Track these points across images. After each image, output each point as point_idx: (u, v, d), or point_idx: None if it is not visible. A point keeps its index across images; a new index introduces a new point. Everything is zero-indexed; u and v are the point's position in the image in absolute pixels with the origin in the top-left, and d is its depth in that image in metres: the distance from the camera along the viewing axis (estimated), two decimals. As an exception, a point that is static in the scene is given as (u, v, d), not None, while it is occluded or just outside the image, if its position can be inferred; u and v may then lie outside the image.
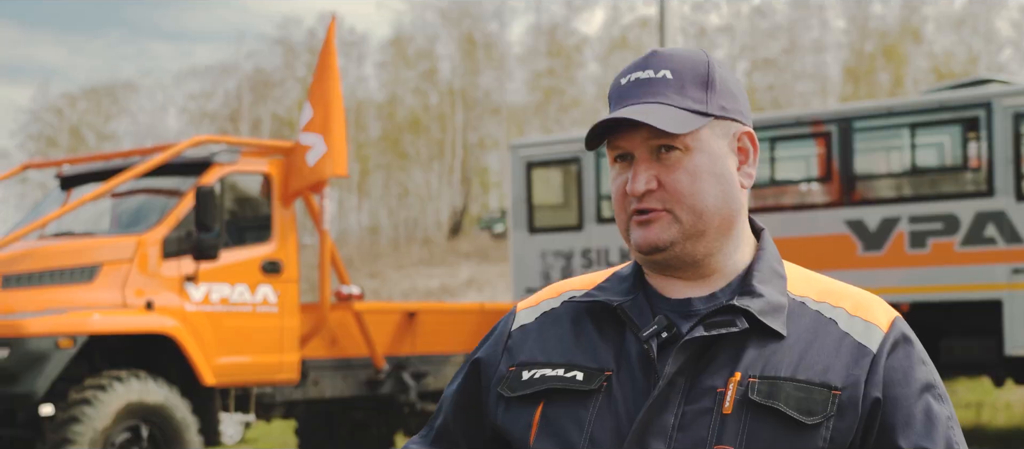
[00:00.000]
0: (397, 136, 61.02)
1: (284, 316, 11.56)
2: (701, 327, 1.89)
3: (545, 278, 15.53)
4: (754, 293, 1.92)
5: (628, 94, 1.96)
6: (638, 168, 1.93)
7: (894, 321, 1.93)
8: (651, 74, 1.96)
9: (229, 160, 11.39)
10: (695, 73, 1.96)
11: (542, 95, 59.80)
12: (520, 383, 2.00)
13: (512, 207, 16.13)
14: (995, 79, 14.04)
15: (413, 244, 49.92)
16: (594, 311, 2.01)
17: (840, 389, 1.85)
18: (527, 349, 2.04)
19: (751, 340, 1.89)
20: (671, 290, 1.98)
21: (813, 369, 1.87)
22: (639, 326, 1.93)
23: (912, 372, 1.89)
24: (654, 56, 1.99)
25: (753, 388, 1.85)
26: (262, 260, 11.45)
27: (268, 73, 64.51)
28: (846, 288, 1.99)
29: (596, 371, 1.95)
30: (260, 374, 11.47)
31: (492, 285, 35.77)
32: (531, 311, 2.10)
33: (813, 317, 1.93)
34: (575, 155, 15.60)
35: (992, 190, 12.99)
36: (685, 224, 1.92)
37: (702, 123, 1.92)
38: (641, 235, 1.93)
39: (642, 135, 1.92)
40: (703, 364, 1.89)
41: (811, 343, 1.89)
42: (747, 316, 1.89)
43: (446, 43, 61.78)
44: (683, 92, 1.94)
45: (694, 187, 1.91)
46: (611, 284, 2.04)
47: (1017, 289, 12.73)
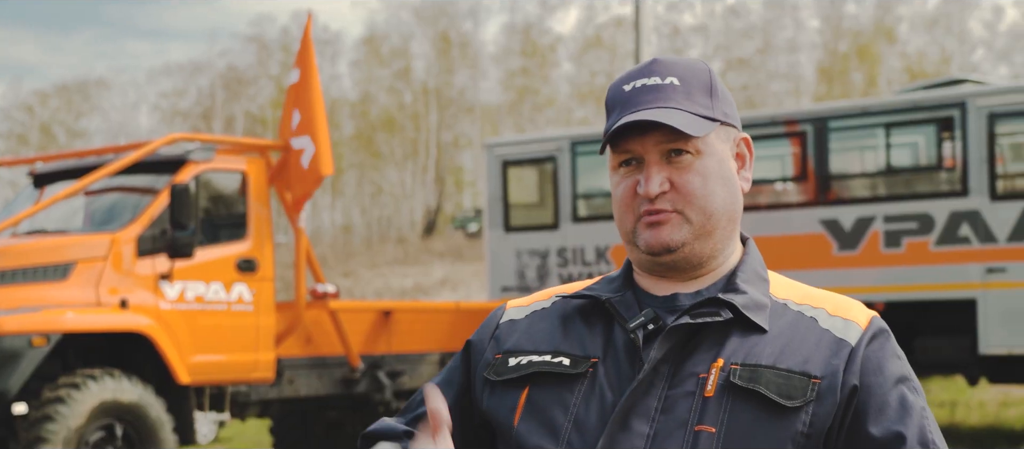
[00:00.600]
0: (371, 135, 60.91)
1: (259, 314, 11.52)
2: (686, 316, 1.95)
3: (520, 277, 15.52)
4: (738, 290, 1.99)
5: (636, 100, 2.02)
6: (651, 171, 1.99)
7: (872, 318, 2.00)
8: (658, 81, 2.02)
9: (204, 158, 11.34)
10: (700, 80, 2.04)
11: (516, 94, 59.81)
12: (506, 368, 2.06)
13: (487, 206, 16.11)
14: (969, 79, 14.10)
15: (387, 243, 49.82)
16: (583, 307, 2.08)
17: (819, 378, 1.91)
18: (514, 339, 2.10)
19: (734, 331, 1.96)
20: (659, 288, 2.05)
21: (793, 359, 1.93)
22: (626, 318, 2.00)
23: (888, 363, 1.95)
24: (657, 64, 2.05)
25: (735, 373, 1.91)
26: (237, 258, 11.40)
27: (241, 71, 64.32)
28: (826, 293, 2.06)
29: (582, 358, 2.01)
30: (235, 373, 11.42)
31: (466, 284, 35.75)
32: (521, 309, 2.17)
33: (794, 316, 2.00)
34: (551, 154, 15.59)
35: (966, 190, 13.04)
36: (696, 225, 1.99)
37: (712, 128, 2.00)
38: (652, 235, 1.99)
39: (655, 139, 1.99)
40: (687, 352, 1.95)
41: (792, 338, 1.96)
42: (731, 308, 1.96)
43: (420, 42, 61.74)
44: (691, 98, 2.01)
45: (705, 189, 1.98)
46: (600, 285, 2.11)
47: (991, 288, 12.79)
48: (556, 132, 17.83)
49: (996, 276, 12.81)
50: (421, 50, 61.84)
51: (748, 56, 57.78)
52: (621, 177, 2.03)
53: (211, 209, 11.62)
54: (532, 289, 15.38)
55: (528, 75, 59.76)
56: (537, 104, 59.41)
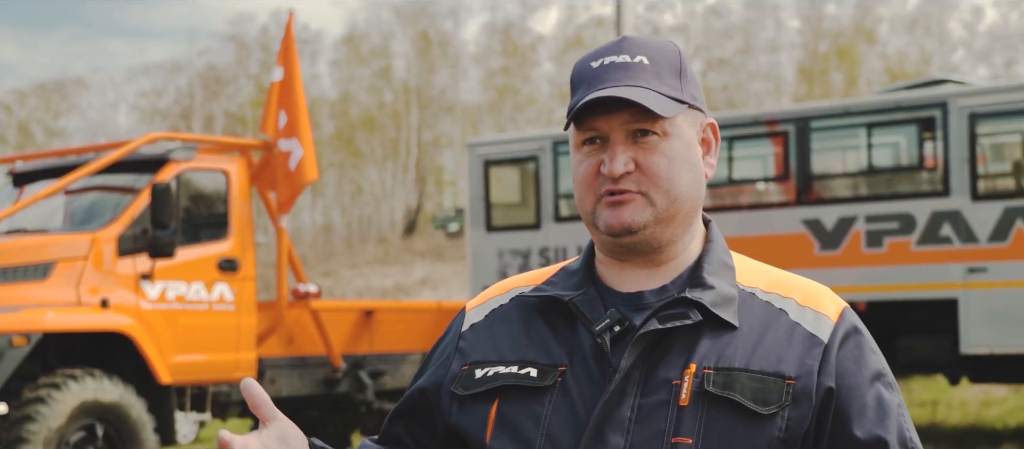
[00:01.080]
0: (351, 134, 60.82)
1: (241, 314, 11.49)
2: (655, 320, 1.90)
3: (503, 277, 15.49)
4: (705, 285, 1.93)
5: (603, 77, 1.95)
6: (615, 150, 1.93)
7: (843, 311, 1.96)
8: (627, 59, 1.96)
9: (185, 157, 11.31)
10: (669, 61, 1.97)
11: (497, 94, 59.79)
12: (473, 381, 2.00)
13: (469, 206, 16.09)
14: (951, 79, 14.14)
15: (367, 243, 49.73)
16: (544, 307, 2.01)
17: (793, 379, 1.87)
18: (479, 348, 2.04)
19: (704, 332, 1.91)
20: (622, 283, 1.99)
21: (766, 359, 1.88)
22: (591, 320, 1.94)
23: (863, 361, 1.92)
24: (626, 42, 1.98)
25: (709, 379, 1.87)
26: (219, 258, 11.36)
27: (220, 70, 64.11)
28: (794, 278, 2.02)
29: (549, 367, 1.95)
30: (216, 372, 11.39)
31: (447, 284, 35.71)
32: (480, 310, 2.10)
33: (763, 308, 1.95)
34: (533, 154, 15.58)
35: (948, 190, 13.07)
36: (659, 207, 1.93)
37: (680, 109, 1.94)
38: (613, 215, 1.93)
39: (621, 117, 1.92)
40: (657, 356, 1.90)
41: (763, 334, 1.91)
42: (700, 308, 1.90)
43: (401, 41, 61.67)
44: (660, 78, 1.95)
45: (671, 171, 1.93)
46: (559, 279, 2.04)
47: (972, 288, 12.82)
48: (538, 132, 17.82)
49: (977, 276, 12.84)
50: (401, 49, 61.80)
51: (728, 56, 57.87)
52: (584, 156, 1.96)
53: (192, 209, 11.58)
54: (514, 289, 15.36)
55: (509, 75, 59.75)
56: (518, 104, 59.41)
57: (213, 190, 11.64)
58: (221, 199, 11.58)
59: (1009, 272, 12.68)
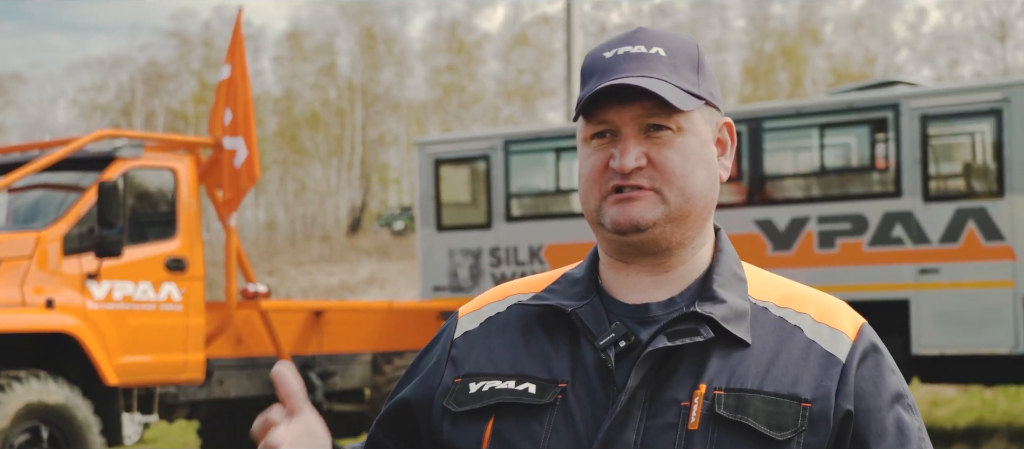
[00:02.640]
0: (295, 131, 60.50)
1: (189, 314, 11.34)
2: (663, 337, 1.79)
3: (453, 277, 15.41)
4: (716, 298, 1.83)
5: (617, 68, 1.84)
6: (627, 144, 1.82)
7: (861, 328, 1.86)
8: (643, 49, 1.85)
9: (132, 155, 11.15)
10: (687, 54, 1.87)
11: (443, 91, 59.67)
12: (467, 396, 1.88)
13: (419, 205, 15.99)
14: (902, 81, 14.18)
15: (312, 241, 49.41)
16: (544, 317, 1.90)
17: (810, 401, 1.77)
18: (472, 358, 1.92)
19: (715, 349, 1.80)
20: (628, 294, 1.87)
21: (781, 380, 1.78)
22: (595, 334, 1.83)
23: (882, 382, 1.82)
24: (643, 32, 1.89)
25: (719, 401, 1.76)
26: (166, 257, 11.21)
27: (162, 66, 63.57)
28: (808, 292, 1.91)
29: (549, 383, 1.83)
30: (164, 374, 11.24)
31: (394, 282, 35.56)
32: (474, 316, 1.98)
33: (777, 324, 1.84)
34: (484, 152, 15.49)
35: (900, 191, 13.11)
36: (671, 205, 1.82)
37: (697, 104, 1.83)
38: (621, 212, 1.82)
39: (635, 110, 1.81)
40: (665, 375, 1.79)
41: (777, 352, 1.81)
42: (711, 324, 1.80)
43: (346, 38, 61.42)
44: (677, 72, 1.84)
45: (685, 168, 1.82)
46: (561, 287, 1.92)
47: (924, 289, 12.86)
48: (489, 131, 17.75)
49: (929, 277, 12.89)
50: (346, 46, 61.55)
51: (675, 55, 57.91)
52: (592, 150, 1.85)
53: (139, 207, 11.44)
54: (465, 289, 15.28)
55: (454, 72, 59.64)
56: (463, 102, 59.32)
57: (161, 189, 11.48)
58: (169, 198, 11.43)
59: (960, 273, 12.73)
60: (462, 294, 15.29)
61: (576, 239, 14.76)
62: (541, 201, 15.55)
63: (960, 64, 55.24)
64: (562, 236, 14.86)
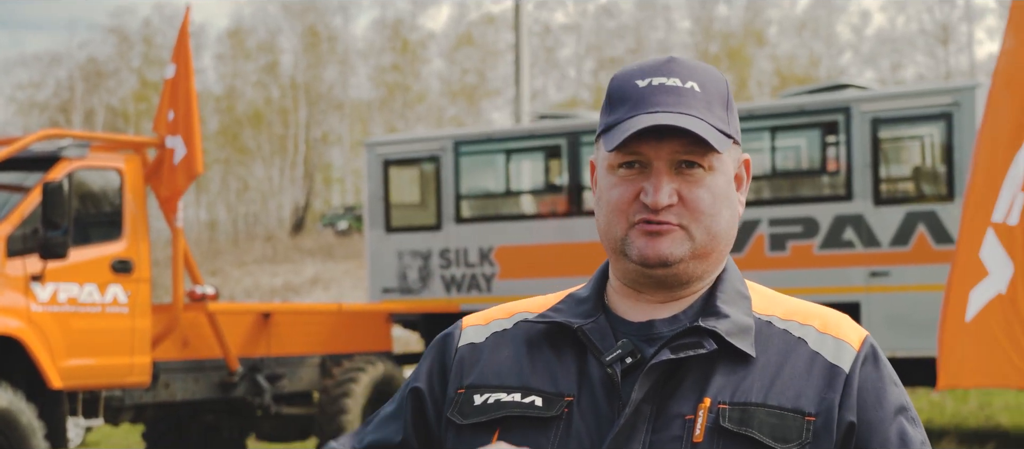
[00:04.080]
0: (237, 130, 60.09)
1: (135, 317, 11.20)
2: (667, 350, 1.81)
3: (402, 278, 15.30)
4: (719, 314, 1.85)
5: (652, 100, 1.85)
6: (660, 179, 1.83)
7: (865, 339, 1.88)
8: (677, 82, 1.87)
9: (78, 155, 11.01)
10: (718, 91, 1.90)
11: (387, 91, 59.46)
12: (472, 408, 1.89)
13: (368, 206, 15.87)
14: (853, 84, 14.23)
15: (254, 241, 49.06)
16: (551, 333, 1.92)
17: (814, 415, 1.79)
18: (478, 370, 1.93)
19: (719, 363, 1.82)
20: (634, 313, 1.90)
21: (785, 394, 1.80)
22: (601, 350, 1.85)
23: (885, 394, 1.84)
24: (676, 64, 1.90)
25: (724, 415, 1.78)
26: (112, 259, 11.06)
27: (101, 63, 62.92)
28: (812, 306, 1.93)
29: (555, 396, 1.85)
30: (109, 377, 11.10)
31: (338, 283, 35.39)
32: (480, 329, 1.99)
33: (781, 337, 1.86)
34: (434, 153, 15.39)
35: (851, 194, 13.15)
36: (697, 242, 1.85)
37: (729, 144, 1.87)
38: (650, 246, 1.84)
39: (671, 147, 1.83)
40: (670, 389, 1.81)
41: (781, 366, 1.83)
42: (714, 337, 1.82)
43: (288, 36, 61.06)
44: (710, 109, 1.87)
45: (714, 207, 1.86)
46: (567, 306, 1.94)
47: (874, 292, 12.91)
48: (439, 132, 17.67)
49: (879, 280, 12.93)
50: (289, 44, 61.19)
51: (620, 56, 58.17)
52: (619, 180, 1.86)
53: (85, 208, 11.28)
54: (414, 291, 15.18)
55: (399, 71, 59.44)
56: (408, 101, 59.14)
57: (106, 189, 11.33)
58: (115, 198, 11.27)
59: (910, 276, 12.78)
60: (411, 296, 15.19)
61: (527, 241, 14.70)
62: (491, 203, 15.48)
63: (903, 67, 55.74)
64: (512, 238, 14.80)
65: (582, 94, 58.48)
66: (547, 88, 59.45)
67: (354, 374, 13.01)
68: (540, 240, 14.66)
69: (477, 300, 14.80)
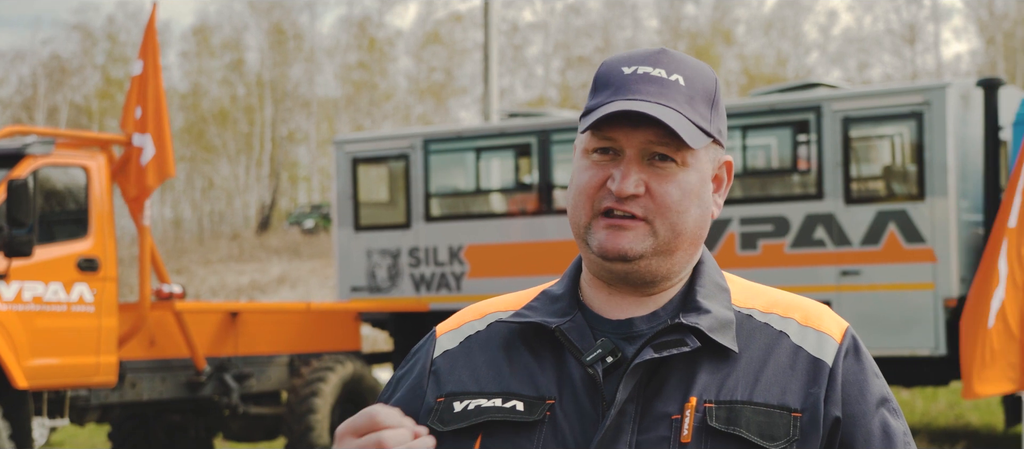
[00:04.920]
0: (202, 128, 59.78)
1: (101, 316, 11.10)
2: (650, 349, 1.78)
3: (371, 277, 15.20)
4: (700, 309, 1.82)
5: (634, 87, 1.82)
6: (629, 168, 1.80)
7: (846, 331, 1.87)
8: (663, 74, 1.83)
9: (43, 152, 10.88)
10: (705, 88, 1.86)
11: (353, 89, 59.28)
12: (452, 415, 1.85)
13: (337, 204, 15.76)
14: (824, 83, 14.22)
15: (220, 239, 48.75)
16: (526, 334, 1.88)
17: (800, 411, 1.78)
18: (455, 377, 1.89)
19: (702, 360, 1.80)
20: (611, 310, 1.87)
21: (771, 391, 1.79)
22: (581, 350, 1.81)
23: (867, 386, 1.83)
24: (665, 55, 1.87)
25: (711, 414, 1.76)
26: (78, 257, 10.95)
27: (65, 60, 62.48)
28: (792, 297, 1.92)
29: (536, 399, 1.82)
30: (75, 376, 10.99)
31: (305, 282, 35.24)
32: (453, 335, 1.95)
33: (763, 330, 1.84)
34: (403, 152, 15.30)
35: (821, 193, 13.13)
36: (660, 239, 1.81)
37: (707, 142, 1.84)
38: (610, 238, 1.81)
39: (644, 136, 1.80)
40: (653, 389, 1.78)
41: (765, 361, 1.81)
42: (697, 334, 1.80)
43: (254, 34, 60.79)
44: (693, 104, 1.83)
45: (681, 204, 1.81)
46: (541, 304, 1.90)
47: (845, 291, 12.90)
48: (408, 130, 17.55)
49: (850, 279, 12.93)
50: (255, 42, 60.93)
51: (588, 55, 58.18)
52: (590, 164, 1.83)
53: (50, 206, 11.17)
54: (383, 290, 15.09)
55: (365, 69, 59.27)
56: (375, 99, 58.97)
57: (72, 187, 11.21)
58: (81, 196, 11.15)
59: (881, 275, 12.78)
60: (380, 295, 15.09)
61: (497, 240, 14.63)
62: (461, 201, 15.40)
63: (870, 66, 55.99)
64: (482, 237, 14.72)
65: (550, 92, 58.49)
66: (515, 86, 59.43)
67: (323, 373, 12.93)
68: (510, 239, 14.59)
69: (446, 299, 14.73)
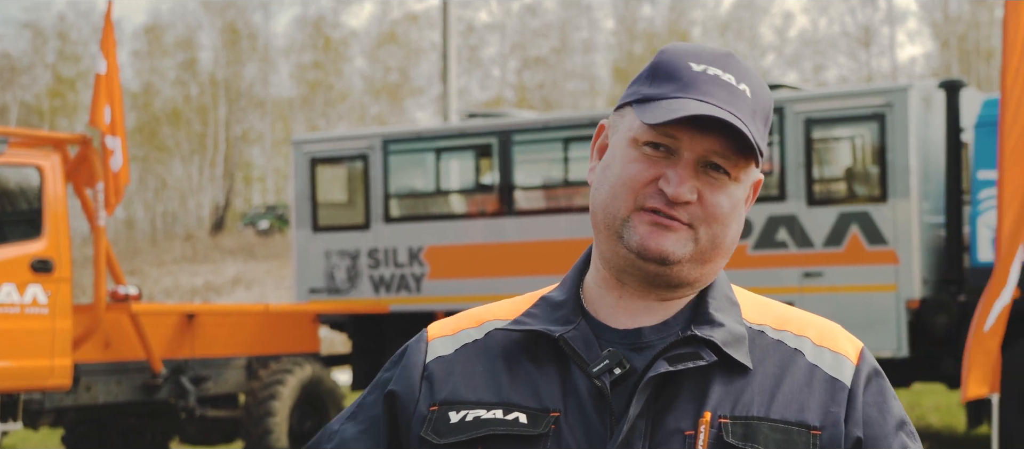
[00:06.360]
0: (155, 127, 59.36)
1: (55, 318, 10.91)
2: (664, 362, 1.71)
3: (330, 279, 15.05)
4: (713, 322, 1.76)
5: (704, 89, 1.74)
6: (686, 173, 1.72)
7: (862, 352, 1.81)
8: (732, 80, 1.76)
9: (-4, 151, 10.66)
10: (765, 104, 1.80)
11: (308, 89, 59.03)
12: (449, 426, 1.75)
13: (294, 205, 15.60)
14: (786, 85, 14.21)
15: (174, 240, 48.42)
16: (527, 343, 1.79)
17: (819, 429, 1.73)
18: (450, 385, 1.79)
19: (715, 375, 1.73)
20: (617, 317, 1.78)
21: (788, 407, 1.73)
22: (587, 360, 1.73)
23: (886, 408, 1.78)
24: (734, 61, 1.79)
25: (727, 430, 1.70)
26: (31, 258, 10.77)
27: (15, 59, 61.87)
28: (803, 314, 1.87)
29: (540, 412, 1.73)
30: (29, 380, 10.81)
31: (260, 283, 35.03)
32: (448, 341, 1.85)
33: (776, 347, 1.78)
34: (362, 152, 15.16)
35: (784, 194, 13.11)
36: (700, 246, 1.75)
37: (761, 160, 1.80)
38: (653, 237, 1.73)
39: (709, 142, 1.72)
40: (664, 403, 1.71)
41: (780, 377, 1.75)
42: (712, 348, 1.73)
43: (208, 33, 60.39)
44: (755, 119, 1.77)
45: (729, 217, 1.76)
46: (541, 311, 1.82)
47: (808, 292, 12.89)
48: (367, 130, 17.42)
49: (813, 280, 12.91)
50: (209, 41, 60.54)
51: (544, 55, 58.20)
52: (640, 156, 1.73)
53: (3, 206, 11.03)
54: (342, 291, 14.94)
55: (320, 69, 59.02)
56: (330, 99, 58.73)
57: (26, 186, 11.03)
58: (34, 196, 10.97)
59: (844, 277, 12.78)
60: (339, 297, 14.95)
61: (456, 241, 14.53)
62: (421, 202, 15.28)
63: (826, 68, 56.34)
64: (442, 238, 14.61)
65: (506, 93, 58.41)
66: (471, 87, 59.33)
67: (281, 376, 12.79)
68: (470, 240, 14.48)
69: (406, 300, 14.60)
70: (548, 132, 14.79)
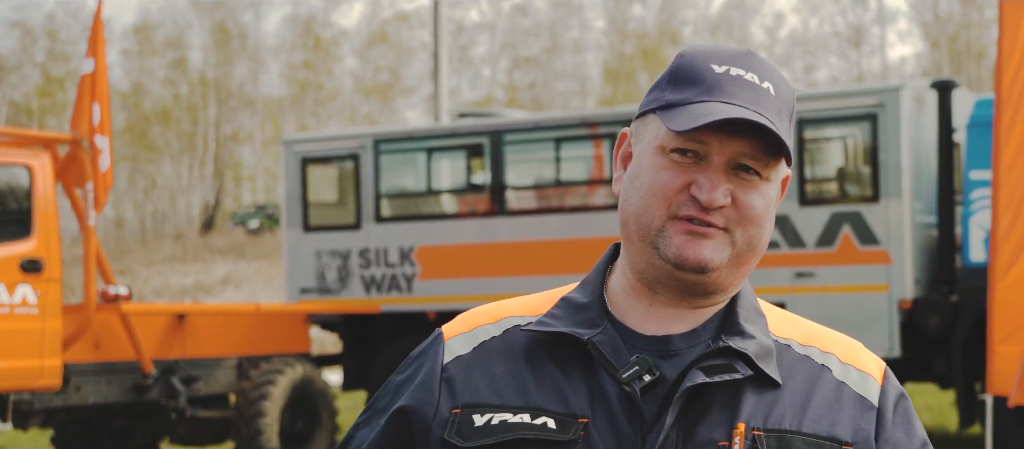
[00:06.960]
0: (145, 127, 59.27)
1: (45, 318, 10.87)
2: (699, 372, 1.68)
3: (321, 279, 15.01)
4: (744, 333, 1.74)
5: (729, 91, 1.71)
6: (718, 177, 1.69)
7: (886, 372, 1.81)
8: (754, 79, 1.73)
9: (-15, 150, 10.64)
10: (788, 100, 1.77)
11: (299, 88, 58.96)
12: (473, 430, 1.70)
13: (285, 204, 15.56)
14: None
15: (163, 240, 48.35)
16: (550, 345, 1.74)
17: (851, 445, 1.72)
18: (472, 387, 1.74)
19: (747, 387, 1.71)
20: (646, 324, 1.75)
21: (819, 422, 1.72)
22: (616, 366, 1.70)
23: (912, 430, 1.78)
24: (755, 59, 1.76)
25: (761, 442, 1.68)
26: (21, 258, 10.73)
27: (4, 58, 61.76)
28: (827, 331, 1.85)
29: (568, 417, 1.69)
30: (18, 380, 10.77)
31: (250, 283, 34.97)
32: (465, 339, 1.80)
33: (804, 362, 1.77)
34: (353, 151, 15.12)
35: (776, 194, 13.08)
36: (738, 250, 1.72)
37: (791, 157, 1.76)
38: (689, 246, 1.69)
39: (739, 145, 1.69)
40: (696, 413, 1.69)
41: (810, 393, 1.74)
42: (745, 360, 1.71)
43: (198, 32, 60.29)
44: (780, 116, 1.74)
45: (763, 217, 1.74)
46: (564, 312, 1.77)
47: (800, 293, 12.87)
48: (358, 129, 17.38)
49: (805, 281, 12.90)
50: (198, 40, 60.44)
51: (535, 55, 58.20)
52: (671, 164, 1.70)
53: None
54: (333, 291, 14.90)
55: (311, 69, 58.97)
56: (320, 99, 58.68)
57: (15, 186, 11.00)
58: (24, 196, 10.93)
59: (836, 277, 12.77)
60: (330, 297, 14.90)
61: (448, 241, 14.49)
62: (412, 202, 15.24)
63: (816, 69, 56.43)
64: (433, 238, 14.58)
65: (496, 93, 58.40)
66: (461, 87, 59.31)
67: (272, 376, 12.75)
68: (461, 240, 14.45)
69: (397, 301, 14.57)
70: (539, 132, 14.76)
